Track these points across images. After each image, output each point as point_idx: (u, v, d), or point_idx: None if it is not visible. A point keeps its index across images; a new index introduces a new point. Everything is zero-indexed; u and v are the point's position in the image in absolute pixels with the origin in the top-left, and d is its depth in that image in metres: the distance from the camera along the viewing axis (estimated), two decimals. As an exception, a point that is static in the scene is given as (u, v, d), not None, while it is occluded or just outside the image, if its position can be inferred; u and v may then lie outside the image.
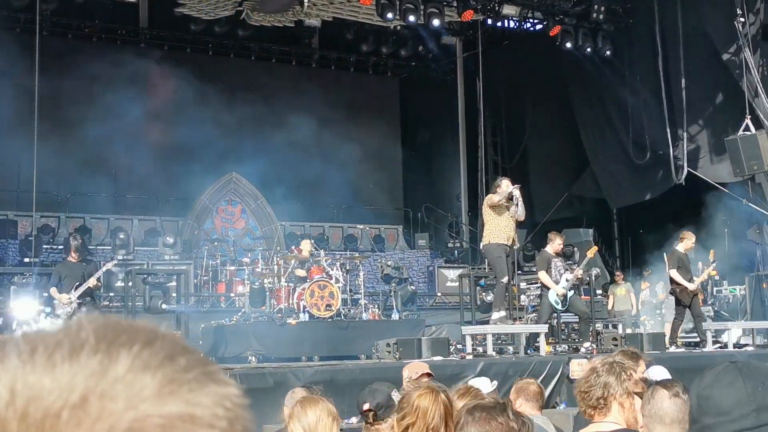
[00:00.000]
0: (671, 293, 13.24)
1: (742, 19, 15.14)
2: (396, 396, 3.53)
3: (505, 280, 11.19)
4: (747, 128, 15.16)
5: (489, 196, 11.37)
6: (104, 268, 10.66)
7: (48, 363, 0.53)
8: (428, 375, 5.95)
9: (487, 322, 12.07)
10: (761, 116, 15.34)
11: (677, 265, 12.72)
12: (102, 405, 0.51)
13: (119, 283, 14.67)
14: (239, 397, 0.57)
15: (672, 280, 12.72)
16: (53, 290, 10.24)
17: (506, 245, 11.14)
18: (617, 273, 17.87)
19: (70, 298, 10.04)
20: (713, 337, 12.70)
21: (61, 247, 15.56)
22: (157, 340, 0.56)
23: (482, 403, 2.53)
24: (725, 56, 16.18)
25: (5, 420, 0.51)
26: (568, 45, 18.07)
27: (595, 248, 13.21)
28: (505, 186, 11.25)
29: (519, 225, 11.89)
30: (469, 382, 5.96)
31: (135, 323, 0.58)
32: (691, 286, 12.55)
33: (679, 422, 3.11)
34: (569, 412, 8.30)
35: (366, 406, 4.21)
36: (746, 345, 12.70)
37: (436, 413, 3.22)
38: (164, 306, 11.41)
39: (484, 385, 6.19)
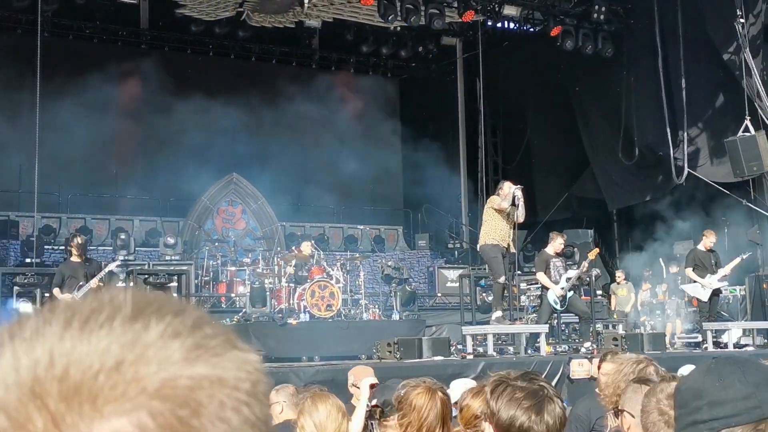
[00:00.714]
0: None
1: (742, 20, 15.16)
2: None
3: (501, 280, 11.23)
4: (747, 129, 15.19)
5: (494, 198, 11.36)
6: (107, 269, 10.69)
7: (85, 330, 0.56)
8: (373, 385, 5.87)
9: (487, 323, 12.10)
10: (762, 117, 15.36)
11: (693, 264, 12.78)
12: (135, 368, 0.55)
13: (120, 284, 14.68)
14: (259, 363, 0.61)
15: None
16: (56, 290, 10.26)
17: (502, 246, 11.17)
18: (618, 273, 17.89)
19: (73, 299, 10.05)
20: (713, 337, 12.73)
21: (62, 247, 15.60)
22: (185, 311, 0.60)
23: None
24: (725, 57, 16.21)
25: (45, 382, 0.54)
26: (569, 45, 18.10)
27: (596, 250, 13.26)
28: (507, 188, 11.29)
29: (519, 226, 11.92)
30: (452, 384, 5.94)
31: (164, 296, 0.62)
32: (706, 282, 12.59)
33: None
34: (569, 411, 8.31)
35: (374, 402, 4.24)
36: (746, 345, 12.73)
37: (431, 411, 3.25)
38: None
39: (465, 387, 6.19)
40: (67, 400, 0.53)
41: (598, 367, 5.81)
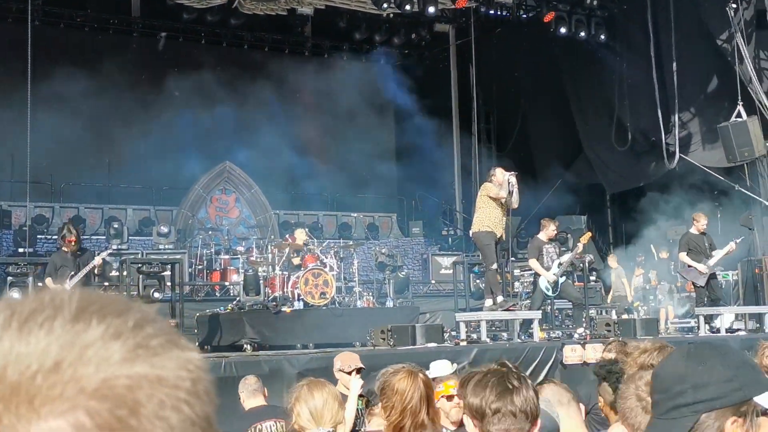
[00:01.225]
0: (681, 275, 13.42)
1: (735, 5, 15.15)
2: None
3: (494, 267, 11.23)
4: (739, 115, 15.20)
5: (489, 186, 11.28)
6: (101, 257, 10.67)
7: (24, 330, 0.56)
8: (360, 369, 6.00)
9: (481, 309, 12.13)
10: (756, 102, 15.36)
11: (687, 248, 12.78)
12: (74, 369, 0.55)
13: (113, 273, 14.67)
14: (201, 361, 0.61)
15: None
16: (48, 280, 10.25)
17: (495, 233, 11.16)
18: (610, 255, 17.93)
19: (64, 289, 10.05)
20: (706, 322, 12.78)
21: (55, 236, 15.57)
22: (129, 310, 0.60)
23: None
24: (718, 42, 16.21)
25: None
26: (562, 31, 18.09)
27: (588, 234, 13.26)
28: (500, 175, 11.26)
29: (514, 211, 11.92)
30: (431, 366, 6.02)
31: (109, 296, 0.62)
32: (702, 268, 12.60)
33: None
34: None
35: (359, 392, 4.28)
36: (738, 330, 12.78)
37: (414, 394, 3.27)
38: (157, 295, 11.40)
39: (444, 368, 6.29)
40: (4, 401, 0.53)
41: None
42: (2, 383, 0.54)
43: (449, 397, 4.56)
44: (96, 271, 10.34)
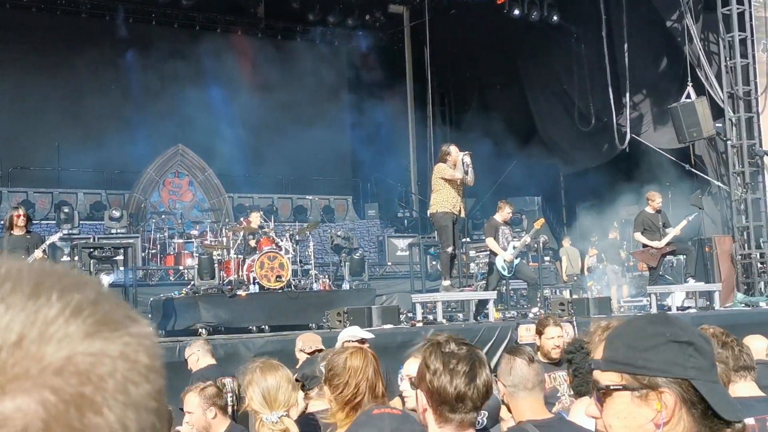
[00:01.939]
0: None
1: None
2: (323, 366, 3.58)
3: (450, 249, 11.25)
4: (689, 96, 15.41)
5: (443, 167, 11.24)
6: (49, 241, 10.50)
7: None
8: (321, 350, 6.06)
9: (437, 290, 12.18)
10: (705, 83, 15.58)
11: (642, 227, 12.92)
12: (38, 346, 0.55)
13: (65, 258, 14.45)
14: (157, 336, 0.62)
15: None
16: (-3, 265, 10.05)
17: (453, 213, 11.18)
18: (565, 240, 18.14)
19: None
20: (657, 300, 12.97)
21: (2, 222, 15.27)
22: (86, 285, 0.60)
23: None
24: (668, 23, 16.38)
25: None
26: (516, 12, 18.14)
27: (542, 220, 13.35)
28: (455, 153, 11.24)
29: (469, 192, 11.95)
30: (344, 332, 6.08)
31: (64, 269, 0.61)
32: (657, 245, 12.76)
33: (539, 384, 3.22)
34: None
35: (294, 376, 4.26)
36: (689, 308, 13.01)
37: (369, 369, 3.27)
38: (105, 277, 11.26)
39: (358, 334, 6.37)
40: None
41: (540, 333, 5.86)
42: None
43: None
44: (38, 257, 10.10)
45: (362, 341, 5.75)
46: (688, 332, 1.59)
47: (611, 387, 1.59)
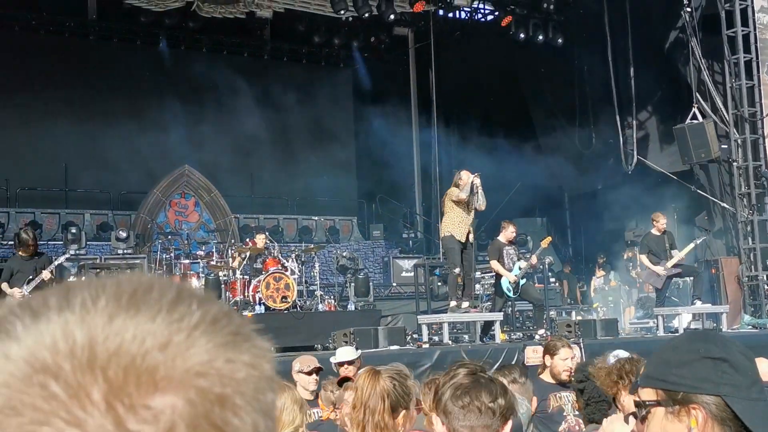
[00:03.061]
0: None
1: (689, 9, 15.40)
2: None
3: (456, 271, 11.28)
4: (694, 117, 15.45)
5: (452, 190, 11.35)
6: (57, 262, 10.53)
7: (132, 309, 0.60)
8: (319, 369, 6.15)
9: (445, 311, 12.18)
10: (706, 106, 15.62)
11: (647, 249, 12.87)
12: (184, 349, 0.59)
13: (72, 278, 14.48)
14: (273, 352, 0.67)
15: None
16: (4, 285, 10.08)
17: (461, 237, 11.21)
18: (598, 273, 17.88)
19: (22, 293, 9.90)
20: (664, 322, 12.94)
21: (11, 242, 15.31)
22: (216, 300, 0.65)
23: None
24: (672, 45, 16.46)
25: (101, 354, 0.57)
26: (521, 35, 18.24)
27: (548, 238, 13.36)
28: (466, 177, 11.31)
29: (477, 215, 11.97)
30: (336, 352, 6.26)
31: (193, 286, 0.69)
32: (659, 270, 12.70)
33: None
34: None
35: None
36: (695, 329, 12.96)
37: (372, 392, 3.25)
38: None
39: (349, 354, 6.51)
40: (125, 372, 0.56)
41: (552, 355, 5.87)
42: (120, 356, 0.57)
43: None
44: (45, 278, 10.12)
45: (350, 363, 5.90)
46: (725, 349, 1.58)
47: (647, 403, 1.61)
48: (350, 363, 6.71)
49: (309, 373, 6.17)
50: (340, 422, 4.25)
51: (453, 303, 11.51)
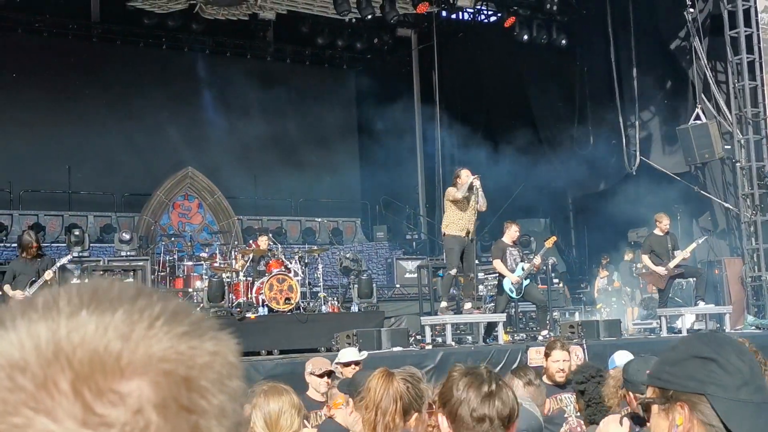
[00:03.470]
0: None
1: (692, 10, 15.38)
2: None
3: (453, 272, 11.28)
4: (698, 117, 15.42)
5: (450, 189, 11.37)
6: (60, 263, 10.54)
7: (94, 306, 0.63)
8: (330, 372, 6.15)
9: (451, 311, 12.18)
10: (709, 106, 15.61)
11: (650, 250, 12.86)
12: (146, 338, 0.62)
13: (75, 280, 14.50)
14: (235, 345, 0.69)
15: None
16: (6, 287, 10.10)
17: (462, 237, 11.20)
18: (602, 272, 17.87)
19: (25, 295, 9.92)
20: (668, 323, 12.92)
21: (15, 245, 15.34)
22: (175, 297, 0.68)
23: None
24: (675, 45, 16.44)
25: (65, 346, 0.60)
26: (523, 36, 18.22)
27: (553, 238, 13.32)
28: (465, 176, 11.29)
29: (478, 216, 11.96)
30: (340, 353, 6.29)
31: (152, 288, 0.71)
32: (661, 270, 12.69)
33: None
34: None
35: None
36: (699, 330, 12.94)
37: (384, 393, 3.25)
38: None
39: (352, 355, 6.54)
40: (90, 361, 0.59)
41: (547, 356, 5.88)
42: (85, 347, 0.60)
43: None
44: (50, 283, 10.16)
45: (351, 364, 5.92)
46: (716, 349, 1.59)
47: (645, 400, 1.64)
48: (356, 363, 6.74)
49: (321, 376, 6.19)
50: (341, 419, 4.24)
51: (444, 304, 11.53)
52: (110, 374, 0.59)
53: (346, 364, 6.76)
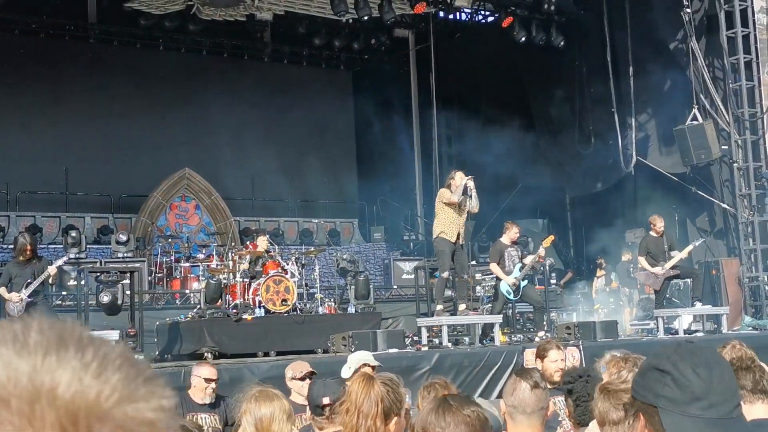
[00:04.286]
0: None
1: (689, 10, 15.37)
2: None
3: (445, 274, 11.27)
4: (695, 118, 15.41)
5: (443, 191, 11.33)
6: (56, 264, 10.51)
7: (27, 351, 0.63)
8: (311, 374, 6.11)
9: (447, 314, 12.16)
10: (707, 106, 15.60)
11: (646, 251, 12.86)
12: (93, 390, 0.62)
13: (72, 282, 14.49)
14: (175, 401, 0.68)
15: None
16: (2, 289, 10.08)
17: (452, 239, 11.19)
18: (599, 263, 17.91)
19: (21, 297, 9.90)
20: (665, 323, 12.91)
21: (11, 246, 15.32)
22: (110, 345, 0.67)
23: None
24: (672, 46, 16.44)
25: (36, 399, 0.60)
26: (521, 36, 18.22)
27: (551, 238, 13.29)
28: (459, 179, 11.26)
29: (474, 216, 11.94)
30: (354, 356, 6.21)
31: (86, 329, 0.69)
32: (657, 271, 12.68)
33: (540, 410, 3.20)
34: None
35: (326, 401, 4.17)
36: (696, 331, 12.94)
37: (366, 398, 3.24)
38: (105, 298, 11.27)
39: (366, 358, 6.46)
40: (74, 403, 0.60)
41: (542, 357, 5.88)
42: (68, 389, 0.61)
43: None
44: (51, 281, 10.16)
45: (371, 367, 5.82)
46: (675, 363, 1.60)
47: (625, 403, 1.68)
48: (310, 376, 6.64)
49: (302, 379, 6.17)
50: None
51: (439, 307, 11.52)
52: (93, 417, 0.60)
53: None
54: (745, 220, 15.24)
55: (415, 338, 11.96)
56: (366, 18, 17.52)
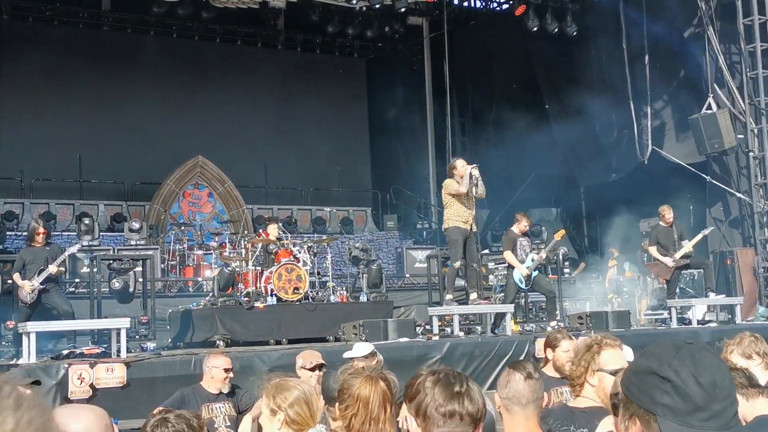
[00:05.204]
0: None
1: (705, -2, 15.23)
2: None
3: (457, 264, 11.22)
4: (710, 107, 15.28)
5: (448, 182, 11.24)
6: (67, 253, 10.52)
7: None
8: (321, 365, 6.08)
9: (459, 303, 12.13)
10: (722, 95, 15.46)
11: (656, 241, 12.82)
12: None
13: (85, 269, 14.54)
14: None
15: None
16: (16, 276, 10.12)
17: (465, 229, 11.15)
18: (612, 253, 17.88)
19: (32, 284, 9.93)
20: (678, 313, 12.84)
21: (25, 233, 15.39)
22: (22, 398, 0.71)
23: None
24: (687, 34, 16.29)
25: None
26: (536, 24, 18.11)
27: (562, 231, 13.22)
28: (461, 167, 11.19)
29: (483, 204, 11.89)
30: (353, 346, 6.22)
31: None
32: (668, 261, 12.64)
33: (535, 401, 3.18)
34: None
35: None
36: (710, 321, 12.86)
37: (376, 402, 3.23)
38: (117, 284, 11.30)
39: (364, 349, 6.44)
40: None
41: (554, 348, 5.86)
42: None
43: None
44: (54, 273, 10.12)
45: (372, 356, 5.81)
46: (677, 370, 1.52)
47: (616, 399, 1.61)
48: (365, 358, 6.66)
49: (312, 369, 6.15)
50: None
51: (449, 296, 11.50)
52: None
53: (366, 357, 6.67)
54: (760, 210, 15.12)
55: (427, 327, 11.94)
56: (378, 6, 17.43)
